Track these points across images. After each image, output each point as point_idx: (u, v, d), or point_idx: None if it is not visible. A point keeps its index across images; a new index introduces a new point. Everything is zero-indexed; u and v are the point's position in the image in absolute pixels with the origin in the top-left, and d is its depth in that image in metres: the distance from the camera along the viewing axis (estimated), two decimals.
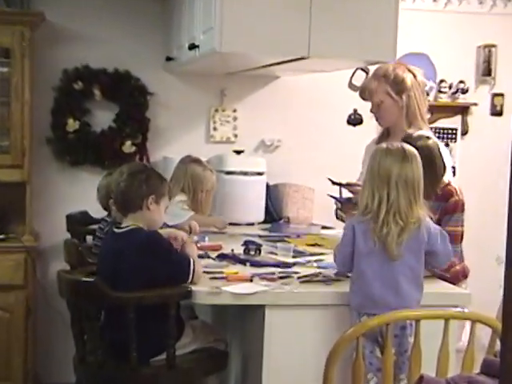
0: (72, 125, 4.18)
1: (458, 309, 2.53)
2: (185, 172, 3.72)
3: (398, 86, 3.15)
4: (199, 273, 2.62)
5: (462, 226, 2.85)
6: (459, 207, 2.83)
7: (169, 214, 3.06)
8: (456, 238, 2.75)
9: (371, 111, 3.26)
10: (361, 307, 2.47)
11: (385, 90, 3.16)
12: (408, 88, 3.16)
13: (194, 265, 2.60)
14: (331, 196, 3.14)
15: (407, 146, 2.51)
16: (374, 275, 2.44)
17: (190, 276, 2.59)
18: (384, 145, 2.53)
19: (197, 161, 3.81)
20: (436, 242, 2.47)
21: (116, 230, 2.70)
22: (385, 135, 3.30)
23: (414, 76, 3.19)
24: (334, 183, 3.11)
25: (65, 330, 3.11)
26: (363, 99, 3.29)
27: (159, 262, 2.57)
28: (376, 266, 2.45)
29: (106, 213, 3.38)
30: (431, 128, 3.46)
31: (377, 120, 3.26)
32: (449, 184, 2.87)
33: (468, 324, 2.31)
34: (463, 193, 2.90)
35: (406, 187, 2.41)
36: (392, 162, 2.43)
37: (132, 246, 2.59)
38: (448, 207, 2.81)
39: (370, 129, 4.54)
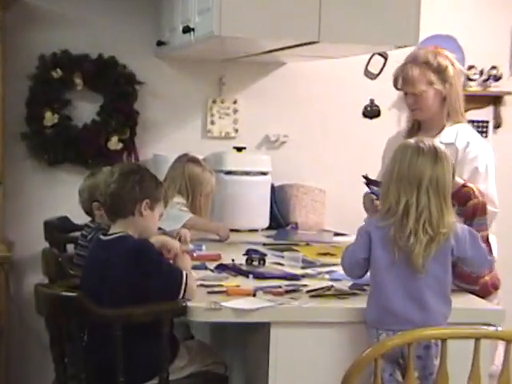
0: (50, 118, 4.19)
1: (491, 327, 2.54)
2: (182, 172, 3.75)
3: (442, 74, 3.15)
4: (192, 287, 2.64)
5: (487, 229, 2.86)
6: (479, 210, 2.85)
7: (165, 218, 3.08)
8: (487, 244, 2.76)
9: (408, 103, 3.23)
10: (379, 323, 2.48)
11: (428, 78, 3.15)
12: (451, 77, 3.16)
13: (186, 278, 2.63)
14: (367, 183, 3.08)
15: (438, 144, 2.52)
16: (394, 287, 2.45)
17: (182, 291, 2.61)
18: (413, 141, 2.53)
19: (195, 160, 3.83)
20: (465, 245, 2.47)
21: (102, 238, 2.72)
22: (415, 129, 3.29)
23: (452, 64, 3.20)
24: (369, 182, 3.04)
25: (42, 352, 3.13)
26: (397, 89, 3.27)
27: (148, 274, 2.58)
28: (397, 277, 2.46)
29: (89, 218, 3.40)
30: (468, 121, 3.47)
31: (412, 111, 3.24)
32: (465, 185, 2.90)
33: (502, 345, 2.32)
34: (491, 193, 2.92)
35: (437, 193, 2.43)
36: (424, 163, 2.44)
37: (118, 255, 2.61)
38: (467, 212, 2.83)
39: (389, 122, 4.56)
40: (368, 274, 2.59)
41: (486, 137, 4.74)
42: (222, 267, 3.09)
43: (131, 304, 2.57)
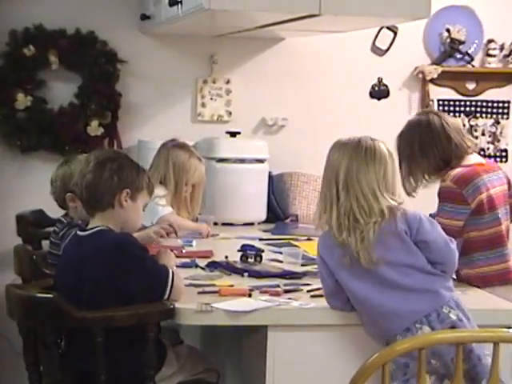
0: (22, 101, 4.19)
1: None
2: (166, 159, 3.74)
3: None
4: (180, 287, 2.65)
5: (457, 220, 3.02)
6: (441, 194, 3.06)
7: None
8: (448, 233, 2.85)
9: None
10: (388, 331, 2.51)
11: None
12: None
13: (173, 276, 2.63)
14: None
15: (368, 140, 2.61)
16: (367, 291, 2.51)
17: (168, 290, 2.61)
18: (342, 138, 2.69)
19: (182, 146, 3.83)
20: (421, 228, 2.53)
21: (79, 233, 2.73)
22: None
23: None
24: None
25: (15, 359, 3.13)
26: None
27: (129, 271, 2.58)
28: (360, 281, 2.52)
29: (63, 212, 3.40)
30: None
31: None
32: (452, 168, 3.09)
33: None
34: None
35: (358, 185, 2.52)
36: (341, 156, 2.58)
37: (97, 251, 2.61)
38: (438, 193, 3.09)
39: (399, 103, 4.57)
40: None
41: (508, 119, 4.75)
42: (214, 265, 3.09)
43: (113, 306, 2.58)
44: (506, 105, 4.77)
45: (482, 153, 4.67)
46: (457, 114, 4.70)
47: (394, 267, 2.52)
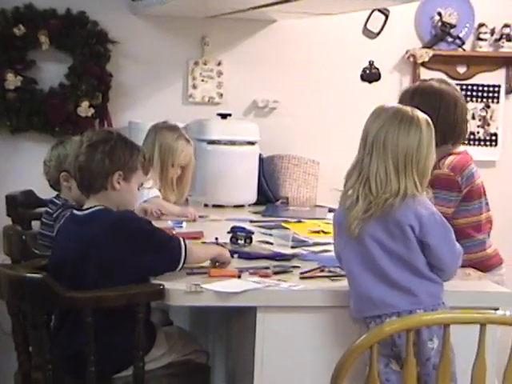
0: (12, 81, 4.17)
1: (499, 311, 2.56)
2: (153, 141, 3.74)
3: None
4: (194, 251, 2.69)
5: (448, 207, 2.99)
6: (437, 181, 2.94)
7: None
8: None
9: None
10: (361, 312, 2.52)
11: None
12: None
13: (185, 243, 2.66)
14: None
15: (411, 110, 2.51)
16: (361, 268, 2.50)
17: (182, 259, 2.64)
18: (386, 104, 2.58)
19: (170, 127, 3.82)
20: (428, 229, 2.46)
21: (77, 213, 2.72)
22: None
23: None
24: None
25: (4, 339, 3.13)
26: None
27: (142, 247, 2.60)
28: (357, 256, 2.50)
29: (55, 193, 3.39)
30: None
31: None
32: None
33: None
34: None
35: (385, 154, 2.43)
36: (374, 121, 2.48)
37: (103, 230, 2.61)
38: (432, 180, 2.96)
39: (390, 86, 4.56)
40: None
41: (498, 103, 4.75)
42: None
43: (126, 283, 2.59)
44: (496, 89, 4.76)
45: (472, 137, 4.68)
46: None
47: (387, 253, 2.48)
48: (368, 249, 2.50)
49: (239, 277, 2.69)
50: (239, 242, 3.14)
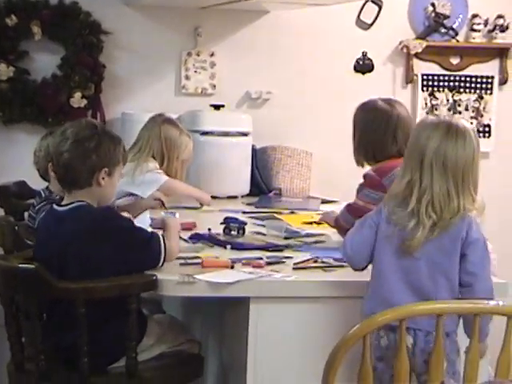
0: (4, 71, 4.16)
1: (492, 302, 2.56)
2: (158, 134, 3.76)
3: None
4: (171, 250, 2.67)
5: (374, 205, 2.90)
6: (367, 180, 3.02)
7: (139, 183, 3.24)
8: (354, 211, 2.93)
9: None
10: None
11: None
12: None
13: (164, 241, 2.65)
14: None
15: (460, 122, 2.48)
16: (396, 278, 2.44)
17: (162, 257, 2.64)
18: (430, 116, 2.54)
19: (171, 122, 3.85)
20: (471, 245, 2.43)
21: (57, 208, 2.70)
22: None
23: None
24: None
25: None
26: None
27: (122, 245, 2.59)
28: (398, 268, 2.45)
29: (46, 184, 3.38)
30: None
31: None
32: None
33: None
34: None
35: (444, 171, 2.40)
36: (430, 136, 2.41)
37: (83, 228, 2.60)
38: (363, 176, 3.07)
39: (383, 77, 4.56)
40: None
41: (491, 94, 4.75)
42: (197, 237, 3.09)
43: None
44: (489, 80, 4.76)
45: None
46: (440, 89, 4.70)
47: (433, 267, 2.43)
48: (415, 263, 2.44)
49: (232, 267, 2.69)
50: (232, 232, 3.14)
